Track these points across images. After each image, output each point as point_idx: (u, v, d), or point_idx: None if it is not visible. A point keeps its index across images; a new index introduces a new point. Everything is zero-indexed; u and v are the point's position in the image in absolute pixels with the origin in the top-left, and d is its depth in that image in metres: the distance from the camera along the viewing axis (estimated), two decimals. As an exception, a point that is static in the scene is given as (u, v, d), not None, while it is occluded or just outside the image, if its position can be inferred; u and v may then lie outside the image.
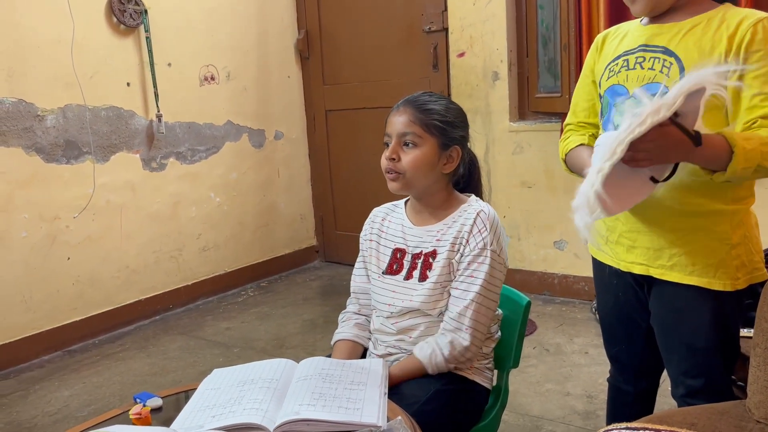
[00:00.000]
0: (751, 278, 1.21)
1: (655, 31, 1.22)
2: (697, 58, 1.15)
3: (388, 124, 1.35)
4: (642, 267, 1.27)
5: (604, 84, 1.29)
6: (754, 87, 1.12)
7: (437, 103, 1.36)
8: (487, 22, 3.07)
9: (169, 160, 3.20)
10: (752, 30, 1.12)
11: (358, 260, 1.49)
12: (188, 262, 3.33)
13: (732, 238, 1.19)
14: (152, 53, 3.03)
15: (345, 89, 3.71)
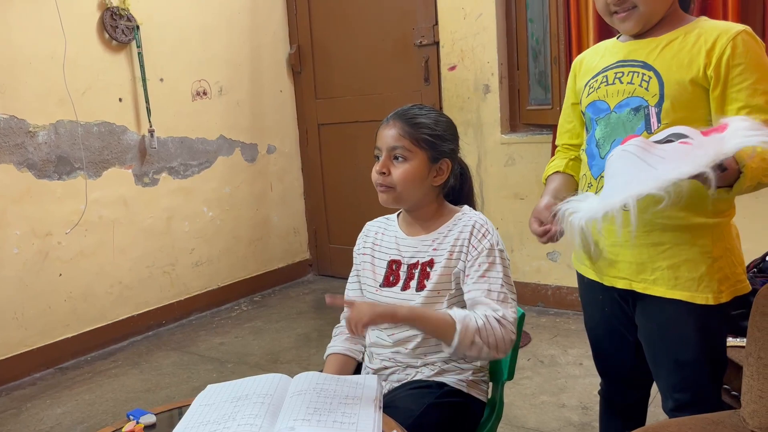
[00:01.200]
0: (735, 291, 1.21)
1: (633, 47, 1.24)
2: (675, 72, 1.17)
3: (378, 138, 1.35)
4: (625, 282, 1.27)
5: (585, 101, 1.31)
6: (740, 100, 1.13)
7: (427, 116, 1.37)
8: (478, 36, 3.10)
9: (162, 175, 3.19)
10: (732, 44, 1.14)
11: (351, 274, 1.49)
12: (181, 276, 3.31)
13: (714, 252, 1.20)
14: (144, 68, 3.03)
15: (337, 103, 3.73)
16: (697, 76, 1.15)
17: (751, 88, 1.13)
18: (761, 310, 0.96)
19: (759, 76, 1.13)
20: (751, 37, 1.16)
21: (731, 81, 1.14)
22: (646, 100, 1.19)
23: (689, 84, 1.16)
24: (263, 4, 3.65)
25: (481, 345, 1.19)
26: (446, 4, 3.17)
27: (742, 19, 2.32)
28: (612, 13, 1.23)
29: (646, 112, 1.19)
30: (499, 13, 3.04)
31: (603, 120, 1.25)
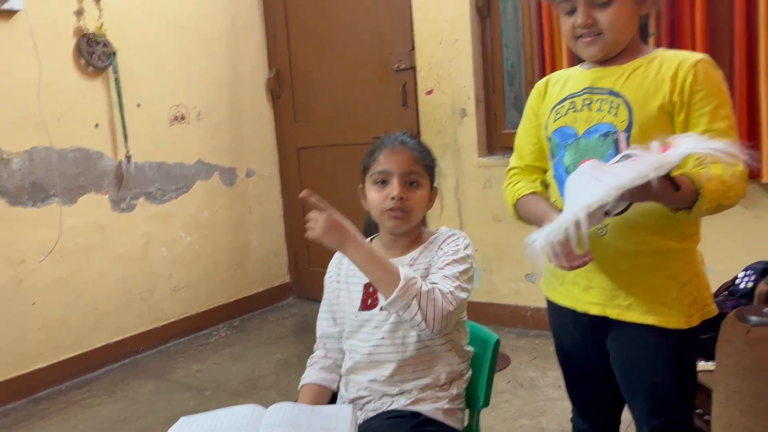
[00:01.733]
0: (703, 314, 1.24)
1: (599, 75, 1.27)
2: (642, 99, 1.21)
3: (384, 161, 1.35)
4: (599, 307, 1.28)
5: (551, 126, 1.32)
6: (702, 125, 1.17)
7: (422, 144, 1.42)
8: (454, 61, 3.14)
9: (139, 201, 3.17)
10: (693, 71, 1.18)
11: (323, 304, 1.49)
12: (159, 302, 3.28)
13: (683, 276, 1.22)
14: (121, 94, 3.03)
15: (316, 127, 3.74)
16: (664, 102, 1.19)
17: (712, 113, 1.17)
18: (727, 337, 0.97)
19: (719, 102, 1.18)
20: (711, 65, 1.21)
21: (693, 106, 1.18)
22: (614, 125, 1.21)
23: (657, 110, 1.20)
24: (242, 28, 3.67)
25: (415, 310, 1.20)
26: (422, 29, 3.21)
27: (710, 47, 2.39)
28: (577, 38, 1.25)
29: (615, 138, 1.21)
30: (474, 38, 3.08)
31: (572, 146, 1.27)
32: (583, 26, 1.22)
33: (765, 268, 1.51)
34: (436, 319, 1.21)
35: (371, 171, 1.38)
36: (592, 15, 1.21)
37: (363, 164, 1.42)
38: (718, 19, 2.41)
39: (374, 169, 1.37)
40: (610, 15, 1.20)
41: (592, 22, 1.21)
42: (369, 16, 3.43)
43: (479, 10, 3.06)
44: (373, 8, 3.40)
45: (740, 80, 2.34)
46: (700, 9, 2.39)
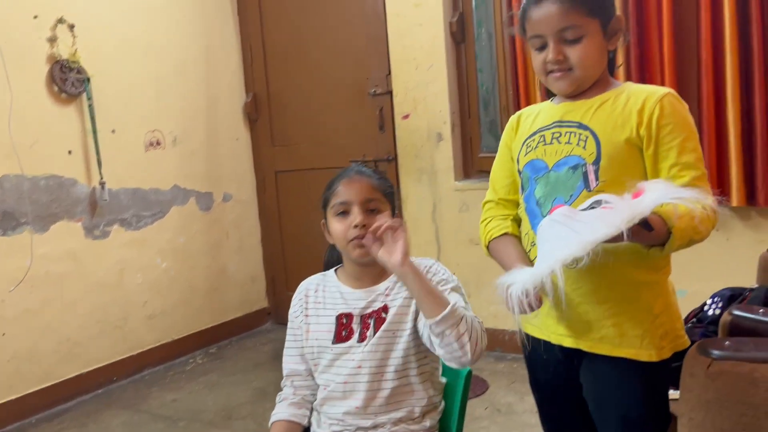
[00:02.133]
0: (675, 346, 1.24)
1: (568, 108, 1.29)
2: (610, 131, 1.22)
3: (343, 192, 1.35)
4: (571, 340, 1.28)
5: (523, 160, 1.33)
6: (670, 158, 1.19)
7: (379, 172, 1.44)
8: (430, 85, 3.16)
9: (113, 227, 3.13)
10: (659, 105, 1.20)
11: (288, 340, 1.46)
12: (134, 330, 3.23)
13: (655, 308, 1.23)
14: (95, 120, 3.00)
15: (294, 150, 3.74)
16: (631, 135, 1.21)
17: (680, 147, 1.19)
18: (690, 371, 0.97)
19: (686, 135, 1.20)
20: (676, 99, 1.23)
21: (661, 140, 1.20)
22: (583, 158, 1.23)
23: (624, 143, 1.21)
24: (218, 53, 3.67)
25: (462, 331, 1.19)
26: (398, 54, 3.24)
27: (678, 77, 2.43)
28: (548, 73, 1.27)
29: (584, 170, 1.23)
30: (449, 63, 3.11)
31: (542, 179, 1.28)
32: (553, 62, 1.23)
33: (732, 294, 1.52)
34: (478, 344, 1.22)
35: (331, 203, 1.37)
36: (563, 51, 1.23)
37: (323, 199, 1.41)
38: (685, 50, 2.45)
39: (334, 200, 1.36)
40: (580, 51, 1.22)
41: (563, 58, 1.23)
42: (346, 40, 3.45)
43: (454, 35, 3.10)
44: (350, 33, 3.43)
45: (708, 108, 2.38)
46: (667, 40, 2.43)
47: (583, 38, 1.22)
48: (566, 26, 1.21)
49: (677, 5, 2.44)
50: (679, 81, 2.45)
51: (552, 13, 1.22)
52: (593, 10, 1.22)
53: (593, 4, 1.23)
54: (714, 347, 0.97)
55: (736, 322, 1.15)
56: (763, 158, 2.31)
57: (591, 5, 1.22)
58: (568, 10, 1.21)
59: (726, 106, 2.35)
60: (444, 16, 3.08)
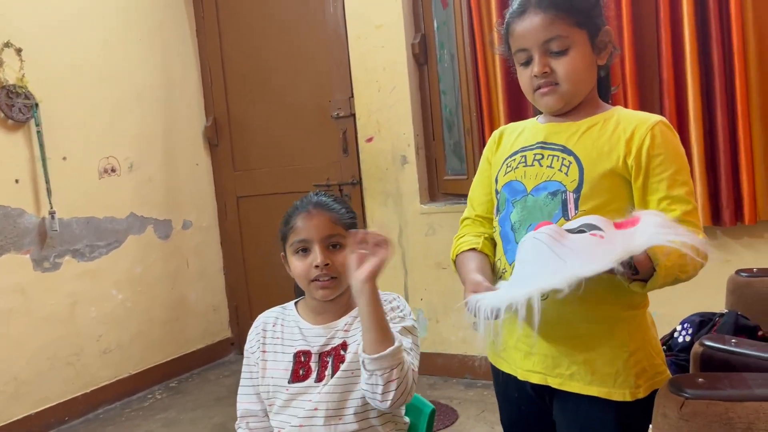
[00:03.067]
0: (653, 384, 1.15)
1: (553, 130, 1.22)
2: (596, 158, 1.15)
3: (301, 229, 1.28)
4: (540, 376, 1.21)
5: (501, 179, 1.26)
6: (661, 191, 1.12)
7: (340, 201, 1.36)
8: (393, 108, 3.11)
9: (65, 259, 2.99)
10: (650, 134, 1.13)
11: (243, 378, 1.38)
12: (87, 366, 3.07)
13: (630, 345, 1.15)
14: (44, 147, 2.87)
15: (256, 175, 3.65)
16: (617, 165, 1.14)
17: (670, 179, 1.12)
18: (662, 411, 0.91)
19: (678, 167, 1.13)
20: (668, 128, 1.16)
21: (652, 171, 1.12)
22: (564, 185, 1.16)
23: (609, 173, 1.14)
24: (177, 76, 3.57)
25: (394, 377, 1.15)
26: (361, 76, 3.19)
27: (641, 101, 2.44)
28: (535, 90, 1.19)
29: (563, 198, 1.16)
30: (412, 85, 3.07)
31: (519, 202, 1.21)
32: (539, 75, 1.16)
33: (702, 320, 1.48)
34: (402, 395, 1.17)
35: (290, 240, 1.31)
36: (548, 64, 1.16)
37: (281, 233, 1.34)
38: (646, 70, 2.45)
39: (293, 238, 1.30)
40: (567, 64, 1.15)
41: (549, 71, 1.16)
42: (307, 63, 3.39)
43: (416, 57, 3.06)
44: (312, 55, 3.37)
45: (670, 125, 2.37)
46: (629, 60, 2.43)
47: (570, 50, 1.15)
48: (551, 37, 1.14)
49: (638, 24, 2.44)
50: (641, 100, 2.45)
51: (536, 24, 1.15)
52: (580, 20, 1.15)
53: (580, 13, 1.16)
54: (687, 385, 0.91)
55: (708, 354, 1.10)
56: (726, 177, 2.31)
57: (577, 15, 1.15)
58: (552, 20, 1.14)
59: (689, 126, 2.35)
60: (406, 37, 3.04)
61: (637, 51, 2.43)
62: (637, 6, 2.43)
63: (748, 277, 1.64)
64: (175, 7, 3.59)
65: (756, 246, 2.40)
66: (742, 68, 2.26)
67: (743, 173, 2.28)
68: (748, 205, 2.28)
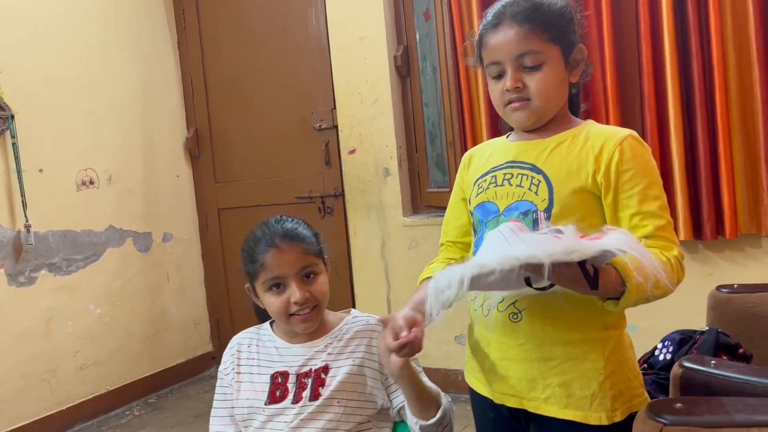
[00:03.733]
0: (630, 407, 1.13)
1: (522, 148, 1.20)
2: (564, 176, 1.14)
3: (272, 267, 1.24)
4: (515, 399, 1.18)
5: (474, 201, 1.24)
6: (632, 206, 1.10)
7: (305, 226, 1.32)
8: (376, 120, 3.09)
9: (40, 273, 2.93)
10: (619, 149, 1.11)
11: (216, 398, 1.34)
12: (63, 383, 3.00)
13: (606, 367, 1.13)
14: (19, 159, 2.82)
15: (238, 187, 3.61)
16: (586, 183, 1.12)
17: (641, 194, 1.10)
18: (640, 438, 0.89)
19: (649, 182, 1.11)
20: (638, 142, 1.14)
21: (622, 187, 1.11)
22: (535, 204, 1.14)
23: (579, 191, 1.13)
24: (158, 88, 3.54)
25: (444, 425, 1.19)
26: (343, 88, 3.17)
27: (622, 115, 2.43)
28: (506, 104, 1.18)
29: (535, 217, 1.14)
30: (395, 97, 3.06)
31: (492, 223, 1.19)
32: (511, 89, 1.14)
33: (682, 338, 1.47)
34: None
35: (261, 279, 1.26)
36: (521, 79, 1.14)
37: (246, 270, 1.29)
38: (627, 83, 2.46)
39: (265, 276, 1.25)
40: (539, 80, 1.13)
41: (521, 86, 1.14)
42: (290, 74, 3.37)
43: (399, 69, 3.05)
44: (294, 67, 3.35)
45: (652, 141, 2.36)
46: (610, 73, 2.43)
47: (543, 65, 1.13)
48: (525, 51, 1.13)
49: (618, 38, 2.44)
50: (622, 114, 2.45)
51: (510, 38, 1.13)
52: (555, 35, 1.14)
53: (555, 29, 1.14)
54: (665, 411, 0.89)
55: (688, 375, 1.08)
56: (707, 191, 2.31)
57: (552, 31, 1.14)
58: (527, 35, 1.12)
59: (670, 140, 2.35)
60: (388, 50, 3.03)
61: (618, 65, 2.43)
62: (617, 20, 2.43)
63: (729, 293, 1.63)
64: (157, 18, 3.56)
65: (737, 259, 2.40)
66: (722, 83, 2.26)
67: (724, 187, 2.29)
68: (729, 218, 2.29)
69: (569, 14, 1.18)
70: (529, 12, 1.13)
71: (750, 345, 1.51)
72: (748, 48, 2.23)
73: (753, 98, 2.25)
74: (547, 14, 1.14)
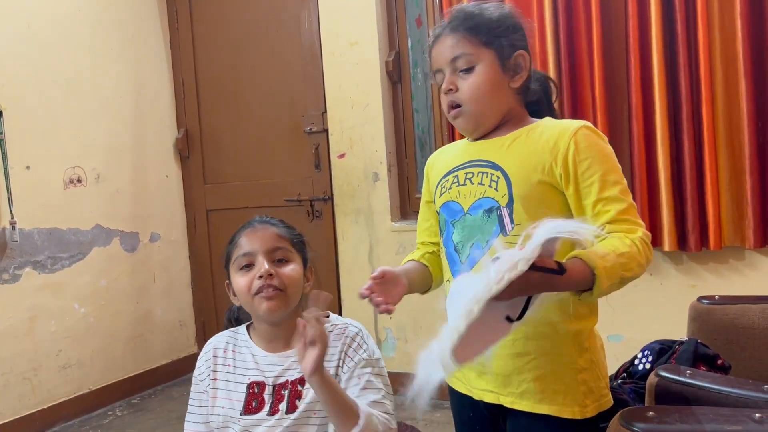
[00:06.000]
0: (599, 405, 1.17)
1: (482, 146, 1.23)
2: (522, 171, 1.16)
3: (245, 244, 1.25)
4: (493, 395, 1.21)
5: (438, 201, 1.27)
6: (593, 194, 1.12)
7: (286, 223, 1.33)
8: (366, 125, 3.10)
9: (25, 270, 2.91)
10: (573, 140, 1.13)
11: (191, 404, 1.33)
12: (45, 382, 2.98)
13: (578, 362, 1.16)
14: (6, 156, 2.81)
15: (227, 188, 3.60)
16: (543, 176, 1.14)
17: (601, 181, 1.12)
18: (614, 444, 0.89)
19: (606, 168, 1.13)
20: (592, 131, 1.16)
21: (581, 176, 1.13)
22: (496, 200, 1.16)
23: (537, 184, 1.14)
24: (148, 87, 3.53)
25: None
26: (334, 93, 3.17)
27: (610, 125, 2.44)
28: (448, 111, 1.22)
29: (498, 213, 1.16)
30: (385, 103, 3.06)
31: (459, 222, 1.22)
32: (445, 91, 1.19)
33: (662, 348, 1.47)
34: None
35: (234, 257, 1.26)
36: (455, 82, 1.18)
37: (225, 255, 1.30)
38: (616, 93, 2.47)
39: (237, 253, 1.25)
40: (469, 83, 1.17)
41: (454, 88, 1.18)
42: (281, 77, 3.37)
43: (390, 75, 3.06)
44: (285, 70, 3.36)
45: (639, 151, 2.39)
46: (599, 83, 2.45)
47: (475, 68, 1.17)
48: (457, 54, 1.17)
49: (607, 49, 2.46)
50: (610, 124, 2.46)
51: (446, 44, 1.19)
52: (487, 40, 1.18)
53: (487, 34, 1.18)
54: (637, 419, 0.89)
55: (663, 385, 1.09)
56: (692, 202, 2.32)
57: (485, 35, 1.18)
58: (460, 39, 1.18)
59: (656, 151, 2.37)
60: (380, 55, 3.04)
61: (606, 76, 2.45)
62: (607, 31, 2.45)
63: (710, 305, 1.64)
64: (150, 18, 3.55)
65: (721, 272, 2.41)
66: (709, 96, 2.28)
67: (709, 199, 2.30)
68: (714, 231, 2.30)
69: (508, 22, 1.21)
70: (463, 20, 1.19)
71: (729, 356, 1.52)
72: (735, 62, 2.25)
73: (739, 112, 2.27)
74: (480, 21, 1.19)
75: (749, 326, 1.56)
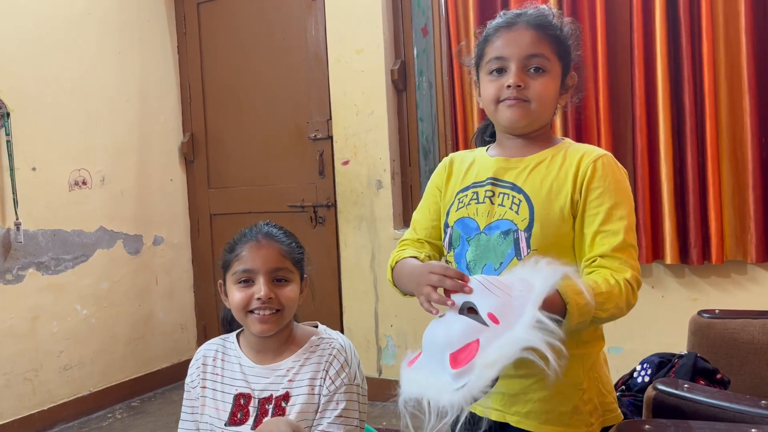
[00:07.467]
0: (604, 421, 1.16)
1: (503, 165, 1.21)
2: (545, 197, 1.15)
3: (247, 259, 1.24)
4: (498, 413, 1.20)
5: (453, 214, 1.24)
6: (595, 224, 1.12)
7: (287, 235, 1.32)
8: (370, 132, 3.11)
9: (29, 271, 2.92)
10: (592, 167, 1.13)
11: (184, 411, 1.33)
12: (46, 383, 2.99)
13: (583, 383, 1.15)
14: (13, 157, 2.82)
15: (231, 193, 3.62)
16: (566, 202, 1.14)
17: (606, 213, 1.11)
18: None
19: (616, 201, 1.12)
20: (612, 162, 1.16)
21: (589, 204, 1.12)
22: (515, 224, 1.15)
23: (559, 211, 1.14)
24: (155, 91, 3.55)
25: None
26: (339, 100, 3.19)
27: (614, 138, 2.44)
28: (500, 101, 1.17)
29: (515, 237, 1.15)
30: (390, 111, 3.07)
31: (473, 240, 1.20)
32: (514, 86, 1.15)
33: (661, 361, 1.47)
34: None
35: (233, 269, 1.26)
36: (525, 79, 1.16)
37: (223, 260, 1.30)
38: (620, 106, 2.48)
39: (237, 266, 1.25)
40: (541, 85, 1.15)
41: (523, 85, 1.15)
42: (287, 84, 3.39)
43: (395, 83, 3.07)
44: (292, 77, 3.37)
45: (642, 164, 2.39)
46: (603, 96, 2.45)
47: (546, 74, 1.16)
48: (535, 54, 1.15)
49: (612, 62, 2.47)
50: (614, 137, 2.47)
51: (524, 38, 1.16)
52: (561, 52, 1.18)
53: (562, 46, 1.18)
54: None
55: (660, 398, 1.09)
56: (695, 216, 2.32)
57: (560, 46, 1.18)
58: (540, 39, 1.16)
59: (660, 164, 2.37)
60: (386, 63, 3.05)
61: (611, 89, 2.46)
62: (612, 44, 2.46)
63: (710, 318, 1.63)
64: (158, 22, 3.58)
65: (723, 285, 2.41)
66: (713, 110, 2.29)
67: (711, 213, 2.30)
68: (716, 244, 2.30)
69: (575, 41, 1.21)
70: (546, 22, 1.18)
71: (729, 371, 1.52)
72: (740, 76, 2.26)
73: (743, 126, 2.27)
74: (558, 30, 1.18)
75: (750, 341, 1.56)
